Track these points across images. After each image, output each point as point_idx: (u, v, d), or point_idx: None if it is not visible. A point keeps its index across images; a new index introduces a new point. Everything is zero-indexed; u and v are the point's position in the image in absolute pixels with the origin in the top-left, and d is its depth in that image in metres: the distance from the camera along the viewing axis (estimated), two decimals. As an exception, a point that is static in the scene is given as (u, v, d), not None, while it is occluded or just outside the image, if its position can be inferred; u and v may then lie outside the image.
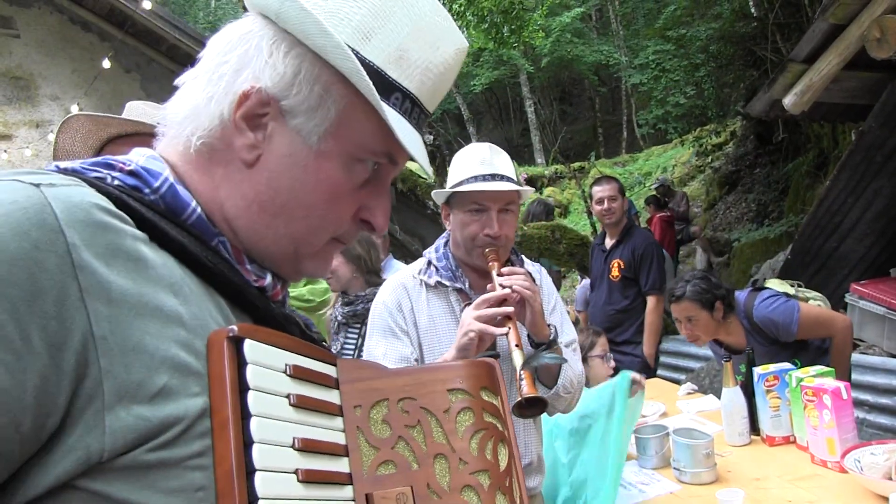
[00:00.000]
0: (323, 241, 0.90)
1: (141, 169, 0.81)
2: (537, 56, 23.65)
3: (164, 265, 0.74)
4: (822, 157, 9.61)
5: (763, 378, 2.89)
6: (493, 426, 0.91)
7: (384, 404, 0.87)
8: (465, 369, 0.94)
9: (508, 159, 2.21)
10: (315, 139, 0.84)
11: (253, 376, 0.73)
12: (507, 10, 12.14)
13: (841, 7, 4.39)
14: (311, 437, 0.78)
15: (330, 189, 0.86)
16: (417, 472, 0.84)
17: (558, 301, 2.34)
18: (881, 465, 2.27)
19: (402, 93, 0.87)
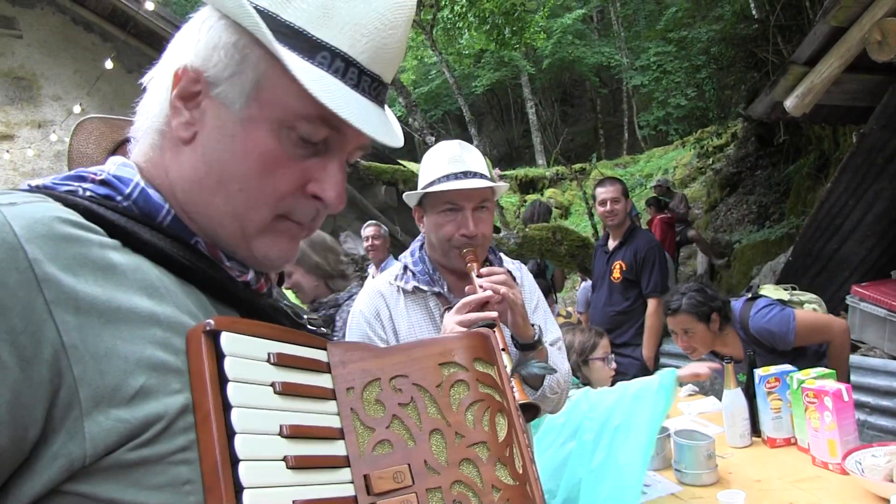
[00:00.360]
0: (266, 217, 0.87)
1: (112, 177, 0.84)
2: (538, 57, 23.66)
3: (138, 269, 0.75)
4: (823, 159, 9.61)
5: (764, 380, 2.89)
6: (490, 397, 0.91)
7: (377, 384, 0.86)
8: (457, 342, 0.94)
9: (480, 155, 2.13)
10: (238, 106, 0.83)
11: (231, 368, 0.73)
12: (509, 12, 12.14)
13: (842, 10, 4.40)
14: (300, 423, 0.78)
15: (261, 158, 0.83)
16: (414, 450, 0.84)
17: (540, 299, 2.28)
18: (882, 467, 2.27)
19: (329, 52, 0.83)
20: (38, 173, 8.13)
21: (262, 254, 0.89)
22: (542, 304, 2.25)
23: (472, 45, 14.01)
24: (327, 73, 0.83)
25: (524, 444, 0.92)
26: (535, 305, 2.22)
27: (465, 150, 2.11)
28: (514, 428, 0.91)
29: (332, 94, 0.81)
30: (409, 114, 6.57)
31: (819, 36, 4.71)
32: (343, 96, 0.83)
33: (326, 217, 3.64)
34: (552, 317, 2.29)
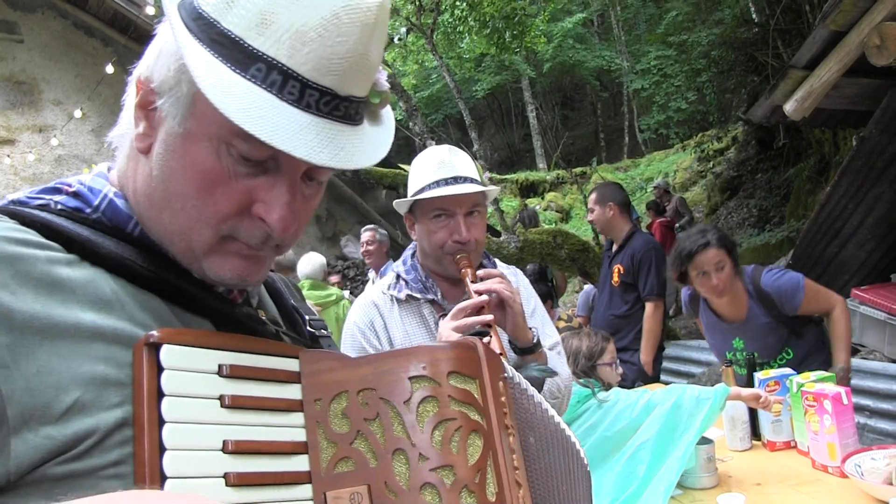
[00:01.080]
0: (209, 238, 0.82)
1: (84, 189, 0.84)
2: (539, 61, 23.71)
3: (91, 282, 0.75)
4: (823, 163, 9.63)
5: (764, 383, 2.89)
6: (463, 415, 0.82)
7: (344, 396, 0.81)
8: (432, 354, 0.85)
9: (469, 159, 2.10)
10: (178, 120, 0.79)
11: (168, 382, 0.71)
12: (509, 16, 12.18)
13: (841, 14, 4.41)
14: (252, 437, 0.75)
15: (199, 176, 0.79)
16: (376, 470, 0.79)
17: (538, 303, 2.26)
18: (882, 470, 2.27)
19: (265, 63, 0.75)
20: (38, 178, 8.14)
21: (214, 274, 0.84)
22: (539, 309, 2.24)
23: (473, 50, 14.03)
24: (258, 88, 0.75)
25: (506, 467, 0.83)
26: (532, 309, 2.20)
27: (454, 155, 2.08)
28: (493, 450, 0.83)
29: (255, 112, 0.74)
30: (409, 118, 6.57)
31: (818, 40, 4.72)
32: (272, 113, 0.75)
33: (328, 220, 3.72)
34: (550, 321, 2.27)
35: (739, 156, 13.71)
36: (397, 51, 12.78)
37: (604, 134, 25.71)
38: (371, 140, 0.85)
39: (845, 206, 5.64)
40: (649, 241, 5.00)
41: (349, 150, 0.80)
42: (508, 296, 1.87)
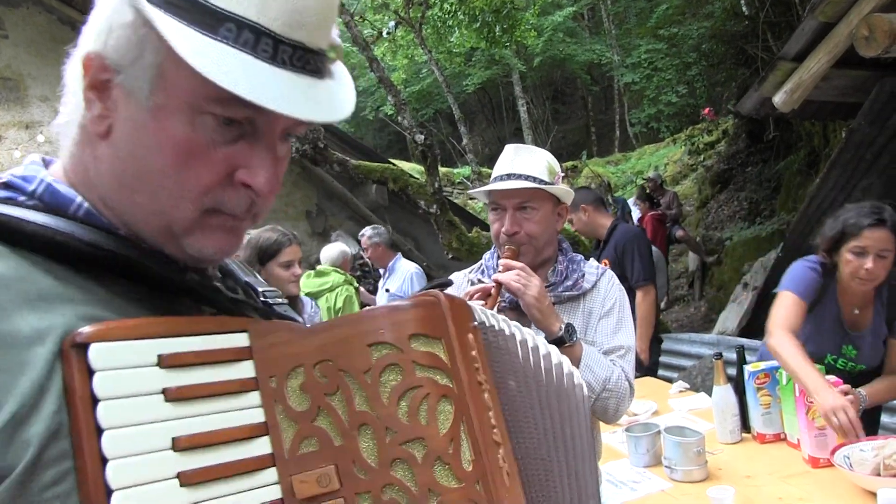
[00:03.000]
0: (193, 212, 0.78)
1: (15, 178, 0.78)
2: (529, 55, 23.66)
3: (26, 277, 0.68)
4: (813, 155, 9.65)
5: (754, 376, 2.89)
6: (430, 381, 0.76)
7: (301, 371, 0.75)
8: (390, 316, 0.78)
9: (534, 157, 2.21)
10: (145, 94, 0.74)
11: (101, 385, 0.64)
12: (499, 10, 12.15)
13: (830, 5, 4.40)
14: (203, 429, 0.69)
15: (176, 149, 0.75)
16: (342, 448, 0.74)
17: (617, 304, 2.24)
18: (870, 462, 2.28)
19: (234, 23, 0.72)
20: (26, 174, 8.08)
21: (195, 251, 0.80)
22: (615, 311, 2.22)
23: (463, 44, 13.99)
24: (233, 48, 0.72)
25: (482, 429, 0.77)
26: (606, 310, 2.22)
27: (518, 152, 2.23)
28: (466, 414, 0.76)
29: (234, 72, 0.71)
30: (398, 112, 6.55)
31: (807, 31, 4.72)
32: (250, 72, 0.72)
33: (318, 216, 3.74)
34: (628, 328, 2.24)
35: (730, 149, 13.72)
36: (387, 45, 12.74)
37: (595, 128, 25.70)
38: (338, 93, 0.82)
39: (835, 199, 5.65)
40: (630, 230, 5.02)
41: (326, 103, 0.79)
42: (516, 287, 2.02)
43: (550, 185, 2.18)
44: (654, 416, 3.46)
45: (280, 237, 3.43)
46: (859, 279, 2.75)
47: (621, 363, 2.15)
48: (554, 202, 2.24)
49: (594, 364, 2.06)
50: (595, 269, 2.29)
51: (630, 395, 2.16)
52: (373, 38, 11.62)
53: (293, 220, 9.52)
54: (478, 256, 5.68)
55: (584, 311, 2.22)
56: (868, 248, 2.71)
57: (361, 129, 28.24)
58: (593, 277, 2.25)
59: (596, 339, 2.18)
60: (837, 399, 2.48)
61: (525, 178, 2.15)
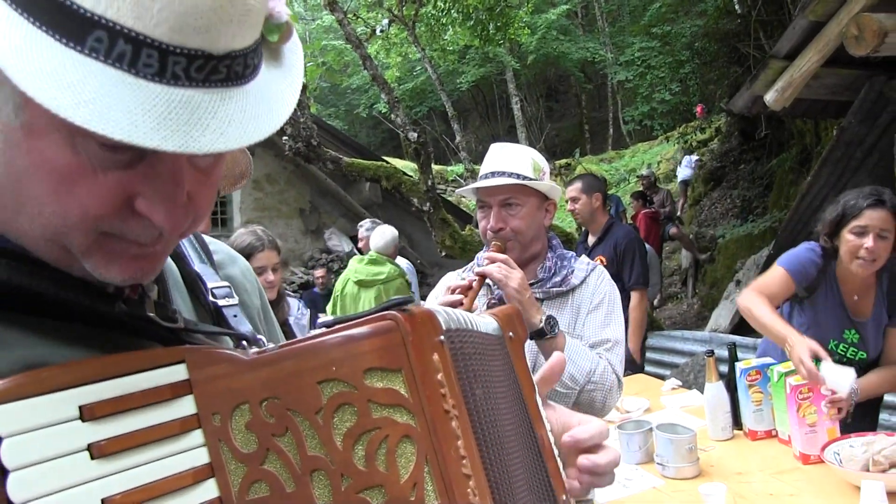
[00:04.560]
0: (84, 241, 0.66)
1: None
2: (523, 53, 23.68)
3: None
4: (805, 153, 9.70)
5: (745, 373, 2.91)
6: (389, 421, 0.67)
7: (246, 408, 0.68)
8: (343, 348, 0.68)
9: (518, 155, 2.25)
10: (13, 114, 0.61)
11: (9, 454, 0.56)
12: (493, 8, 12.15)
13: (820, 4, 4.43)
14: (134, 486, 0.62)
15: (53, 175, 0.62)
16: (294, 494, 0.67)
17: (607, 299, 2.26)
18: (859, 458, 2.29)
19: (106, 31, 0.56)
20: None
21: (99, 276, 0.68)
22: (604, 305, 2.24)
23: (457, 42, 13.99)
24: (102, 65, 0.57)
25: (448, 465, 0.67)
26: (594, 305, 2.24)
27: (503, 150, 2.27)
28: (430, 452, 0.67)
29: (99, 102, 0.56)
30: (391, 110, 6.56)
31: (798, 30, 4.74)
32: (121, 98, 0.57)
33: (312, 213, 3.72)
34: (617, 322, 2.26)
35: (723, 147, 13.78)
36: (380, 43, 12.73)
37: (588, 125, 25.75)
38: (268, 97, 0.67)
39: (826, 196, 5.68)
40: (630, 232, 5.07)
41: (238, 123, 0.62)
42: (498, 277, 2.04)
43: (535, 180, 2.20)
44: (646, 413, 3.48)
45: (254, 241, 3.26)
46: (860, 259, 2.74)
47: (608, 356, 2.16)
48: (540, 198, 2.26)
49: (577, 356, 2.08)
50: (585, 266, 2.31)
51: (618, 389, 2.17)
52: (366, 35, 11.61)
53: (286, 217, 9.51)
54: (471, 254, 5.72)
55: (572, 307, 2.24)
56: (868, 228, 2.71)
57: (355, 127, 28.22)
58: (582, 273, 2.27)
59: (584, 334, 2.20)
60: (811, 344, 2.56)
61: (508, 175, 2.18)
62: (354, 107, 26.72)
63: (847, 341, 2.92)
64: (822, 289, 2.93)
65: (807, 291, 2.93)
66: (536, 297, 2.17)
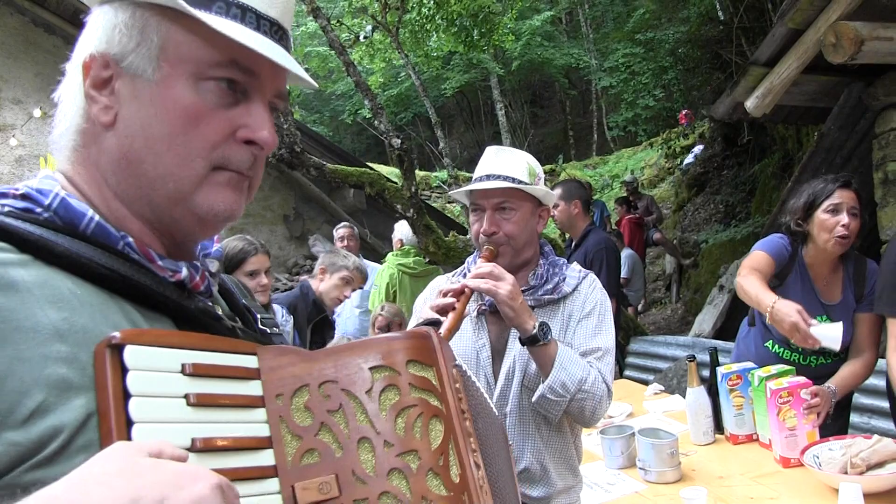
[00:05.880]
0: (201, 170, 0.87)
1: (33, 191, 0.83)
2: (507, 59, 23.76)
3: (46, 283, 0.74)
4: (787, 159, 9.78)
5: (726, 377, 2.93)
6: (424, 401, 0.86)
7: (305, 390, 0.83)
8: (389, 344, 0.89)
9: (514, 158, 2.22)
10: (150, 71, 0.85)
11: (135, 382, 0.70)
12: (477, 14, 12.18)
13: (798, 12, 4.47)
14: (218, 434, 0.75)
15: (183, 113, 0.85)
16: (342, 459, 0.81)
17: (598, 307, 2.23)
18: (838, 460, 2.32)
19: (223, 1, 0.86)
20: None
21: (206, 208, 0.89)
22: (595, 314, 2.22)
23: (441, 48, 14.00)
24: (226, 19, 0.86)
25: (466, 450, 0.88)
26: (585, 313, 2.21)
27: (498, 154, 2.24)
28: (454, 433, 0.87)
29: (235, 32, 0.84)
30: (375, 117, 6.55)
31: (778, 38, 4.78)
32: (246, 34, 0.85)
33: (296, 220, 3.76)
34: (606, 330, 2.23)
35: (706, 152, 13.86)
36: (364, 49, 12.71)
37: (572, 131, 25.85)
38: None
39: (806, 201, 5.73)
40: (602, 241, 5.00)
41: (300, 69, 0.93)
42: (486, 289, 2.00)
43: (529, 185, 2.18)
44: (629, 418, 3.49)
45: (246, 246, 3.37)
46: (837, 237, 2.81)
47: (598, 365, 2.12)
48: (534, 203, 2.24)
49: (569, 364, 2.04)
50: (577, 273, 2.28)
51: (608, 398, 2.13)
52: (350, 42, 11.60)
53: (270, 223, 9.47)
54: (455, 260, 5.73)
55: (563, 315, 2.21)
56: (842, 205, 2.82)
57: (339, 133, 28.16)
58: (574, 281, 2.24)
59: (574, 342, 2.16)
60: (793, 305, 2.62)
61: (504, 179, 2.15)
62: (338, 113, 26.67)
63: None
64: (792, 275, 3.03)
65: (778, 279, 3.01)
66: (528, 304, 2.15)
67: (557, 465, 2.18)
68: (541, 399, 2.05)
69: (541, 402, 2.07)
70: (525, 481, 2.14)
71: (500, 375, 2.16)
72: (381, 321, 4.73)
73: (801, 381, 2.65)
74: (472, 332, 2.21)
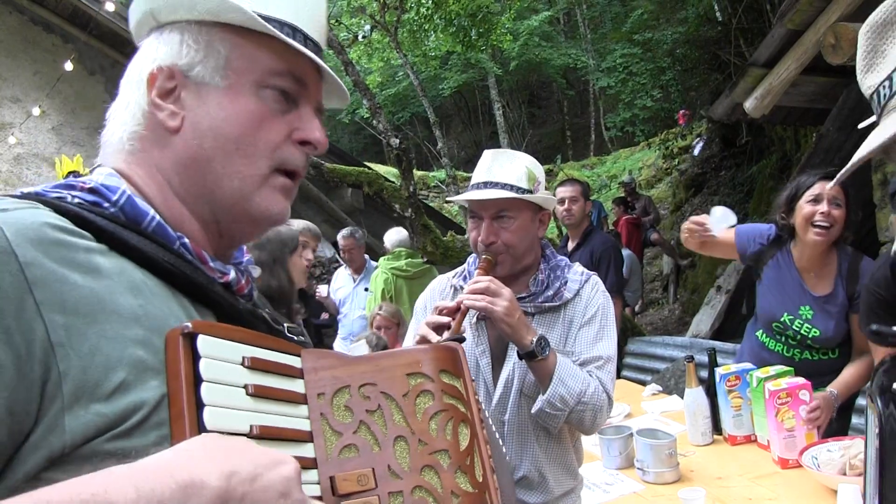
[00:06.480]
0: (264, 169, 0.96)
1: (100, 186, 0.88)
2: (505, 59, 23.75)
3: (123, 271, 0.81)
4: (785, 160, 9.78)
5: (725, 378, 2.93)
6: (454, 407, 0.96)
7: (346, 391, 0.91)
8: (426, 353, 0.99)
9: (513, 164, 2.16)
10: (219, 79, 0.94)
11: (206, 369, 0.77)
12: (475, 14, 12.18)
13: (798, 13, 4.48)
14: (270, 424, 0.81)
15: (249, 116, 0.94)
16: (378, 455, 0.89)
17: (600, 312, 2.18)
18: (837, 462, 2.32)
19: (277, 22, 0.96)
20: (-4, 177, 7.95)
21: (263, 208, 0.97)
22: (597, 320, 2.17)
23: (439, 48, 14.00)
24: (283, 36, 0.95)
25: (486, 455, 0.96)
26: (587, 319, 2.16)
27: (496, 159, 2.18)
28: (477, 438, 0.96)
29: (298, 47, 0.95)
30: (373, 116, 6.54)
31: (776, 39, 4.79)
32: (299, 45, 0.96)
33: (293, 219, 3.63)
34: (608, 338, 2.18)
35: (704, 153, 13.86)
36: (362, 48, 12.71)
37: (570, 132, 25.85)
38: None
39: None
40: (608, 240, 5.07)
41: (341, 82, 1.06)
42: (482, 307, 1.96)
43: (529, 192, 2.12)
44: (626, 418, 3.49)
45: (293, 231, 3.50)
46: (816, 227, 2.83)
47: (599, 374, 2.08)
48: (534, 209, 2.18)
49: (568, 377, 2.00)
50: (579, 276, 2.22)
51: (608, 407, 2.11)
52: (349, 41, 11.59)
53: (269, 223, 9.45)
54: (453, 260, 5.73)
55: (564, 321, 2.16)
56: (822, 195, 2.83)
57: (337, 133, 28.14)
58: (576, 286, 2.19)
59: (575, 349, 2.12)
60: None
61: (502, 187, 2.10)
62: (336, 112, 26.63)
63: (802, 317, 2.94)
64: (772, 262, 3.07)
65: (753, 261, 3.12)
66: (527, 311, 2.12)
67: (556, 471, 2.15)
68: (539, 412, 2.03)
69: (539, 415, 2.04)
70: (523, 488, 2.12)
71: (499, 383, 2.12)
72: (380, 321, 4.74)
73: (801, 383, 2.65)
74: (471, 338, 2.18)
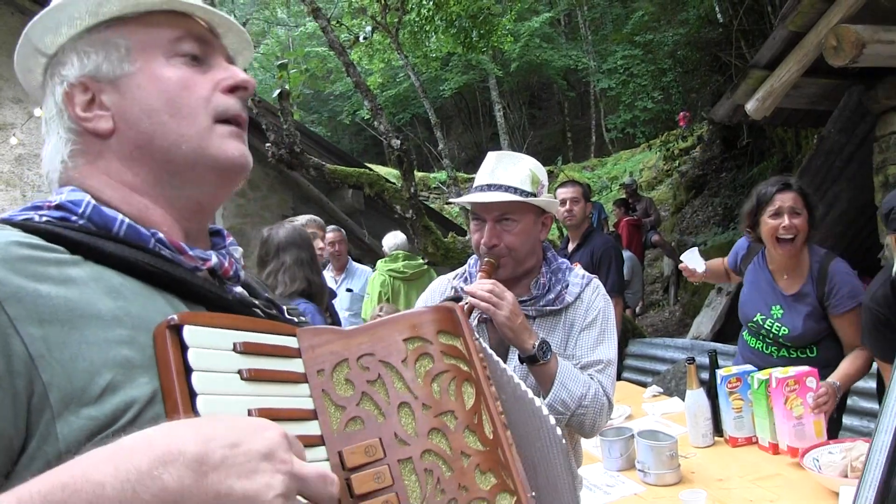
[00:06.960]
0: (203, 122, 0.97)
1: (66, 202, 0.90)
2: (506, 61, 23.73)
3: (100, 278, 0.82)
4: (786, 162, 9.78)
5: (726, 380, 2.93)
6: (455, 367, 0.95)
7: (345, 364, 0.90)
8: (422, 316, 0.98)
9: (516, 167, 2.15)
10: (128, 66, 0.95)
11: (195, 358, 0.77)
12: (476, 15, 12.19)
13: (799, 15, 4.48)
14: (269, 406, 0.81)
15: (170, 83, 0.95)
16: (384, 424, 0.88)
17: (600, 316, 2.19)
18: (838, 464, 2.32)
19: None
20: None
21: (221, 155, 0.97)
22: (598, 323, 2.18)
23: (440, 49, 14.01)
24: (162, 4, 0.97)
25: (495, 411, 0.95)
26: (588, 322, 2.16)
27: (500, 162, 2.18)
28: (483, 395, 0.95)
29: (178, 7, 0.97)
30: (374, 117, 6.54)
31: (778, 40, 4.79)
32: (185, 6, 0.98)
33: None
34: (609, 341, 2.19)
35: (704, 155, 13.86)
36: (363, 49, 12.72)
37: (571, 133, 25.83)
38: None
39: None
40: (608, 241, 5.09)
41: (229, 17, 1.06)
42: (485, 307, 1.98)
43: (532, 195, 2.11)
44: (627, 420, 3.49)
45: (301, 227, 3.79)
46: (780, 239, 3.00)
47: (599, 377, 2.09)
48: (537, 212, 2.17)
49: (569, 381, 2.01)
50: (580, 279, 2.22)
51: (608, 411, 2.11)
52: (349, 42, 11.59)
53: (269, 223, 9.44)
54: (453, 261, 5.71)
55: (565, 324, 2.16)
56: (782, 209, 2.99)
57: (338, 134, 28.16)
58: (577, 289, 2.19)
59: (575, 353, 2.13)
60: None
61: (505, 190, 2.10)
62: (337, 113, 26.66)
63: (773, 316, 3.10)
64: (751, 265, 3.31)
65: (743, 268, 3.39)
66: (529, 314, 2.12)
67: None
68: None
69: None
70: None
71: None
72: None
73: (807, 370, 2.67)
74: None
